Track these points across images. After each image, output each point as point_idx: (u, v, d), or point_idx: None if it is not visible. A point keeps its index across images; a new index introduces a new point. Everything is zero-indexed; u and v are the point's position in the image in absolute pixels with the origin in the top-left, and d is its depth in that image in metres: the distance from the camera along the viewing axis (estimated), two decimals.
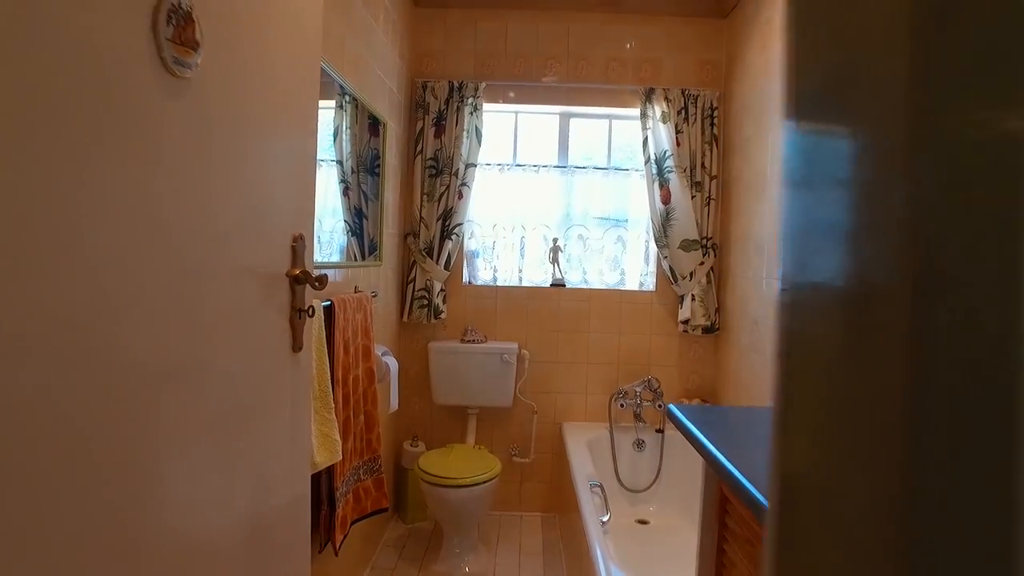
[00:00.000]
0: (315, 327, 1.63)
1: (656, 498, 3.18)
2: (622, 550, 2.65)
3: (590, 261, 3.40)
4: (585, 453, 2.85)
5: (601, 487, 2.48)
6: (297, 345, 1.19)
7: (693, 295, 3.18)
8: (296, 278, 1.16)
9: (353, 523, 2.09)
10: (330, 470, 1.81)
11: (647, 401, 3.22)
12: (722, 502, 1.37)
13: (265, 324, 1.09)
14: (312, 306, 1.20)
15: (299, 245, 1.18)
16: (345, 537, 1.98)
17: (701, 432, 1.32)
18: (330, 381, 1.68)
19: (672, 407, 1.56)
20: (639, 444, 3.23)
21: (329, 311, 1.82)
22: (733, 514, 1.28)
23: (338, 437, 1.69)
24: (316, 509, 1.93)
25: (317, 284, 1.17)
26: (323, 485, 1.86)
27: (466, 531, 2.76)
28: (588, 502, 2.28)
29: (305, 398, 1.27)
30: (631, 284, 3.41)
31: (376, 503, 2.22)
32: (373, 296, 2.38)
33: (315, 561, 1.95)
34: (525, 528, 3.25)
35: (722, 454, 1.15)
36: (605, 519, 2.24)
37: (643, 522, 3.05)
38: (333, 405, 1.69)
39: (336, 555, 1.91)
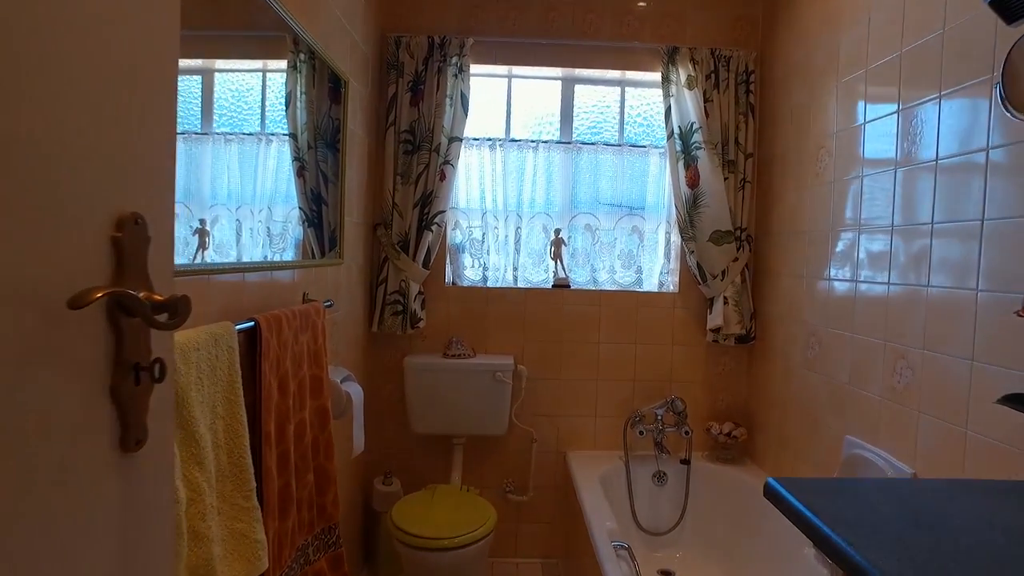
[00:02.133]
0: (222, 368, 1.04)
1: (682, 543, 2.63)
2: None
3: (600, 257, 2.83)
4: (599, 494, 2.28)
5: (629, 550, 1.91)
6: (133, 437, 0.59)
7: (725, 297, 2.62)
8: (120, 302, 0.56)
9: None
10: None
11: (669, 426, 2.67)
12: None
13: (37, 406, 0.50)
14: (159, 360, 0.60)
15: (131, 237, 0.58)
16: None
17: (839, 537, 0.77)
18: (248, 447, 1.09)
19: (773, 483, 1.01)
20: (660, 477, 2.68)
21: (252, 338, 1.23)
22: None
23: (262, 535, 1.10)
24: None
25: (168, 315, 0.58)
26: None
27: None
28: (614, 572, 1.71)
29: (159, 524, 0.67)
30: (649, 284, 2.84)
31: None
32: (327, 307, 1.78)
33: None
34: None
35: None
36: None
37: (667, 573, 2.50)
38: (254, 484, 1.10)
39: None
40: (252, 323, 1.20)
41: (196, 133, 1.26)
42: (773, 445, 2.49)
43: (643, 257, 2.83)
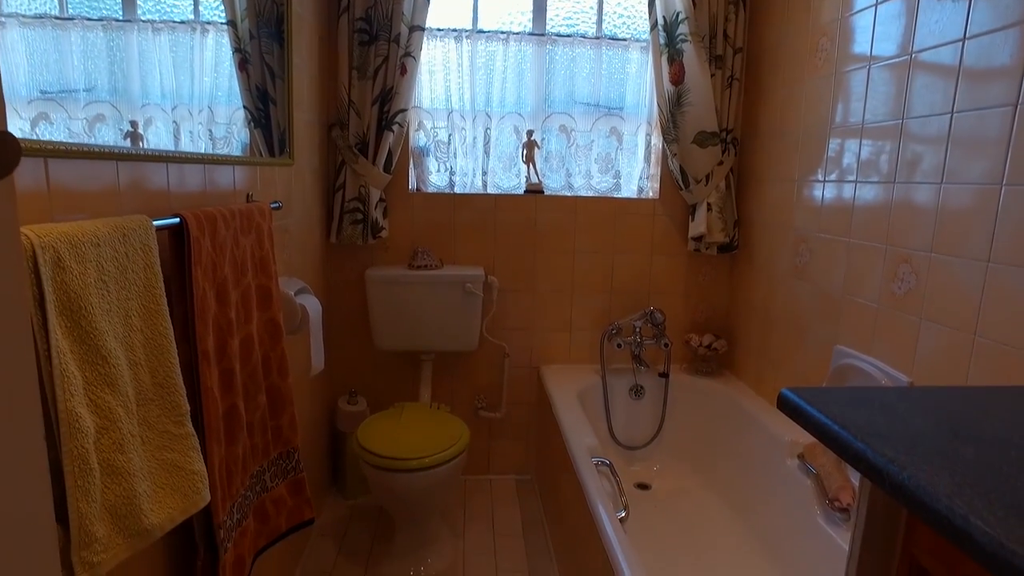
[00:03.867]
0: (135, 270, 0.84)
1: (659, 456, 2.58)
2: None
3: (575, 161, 2.63)
4: (577, 409, 2.18)
5: (611, 466, 1.82)
6: None
7: (708, 204, 2.47)
8: None
9: (259, 554, 1.38)
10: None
11: (648, 339, 2.56)
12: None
13: None
14: None
15: None
16: None
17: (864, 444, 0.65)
18: (177, 365, 0.91)
19: (789, 394, 0.88)
20: (637, 391, 2.60)
21: (180, 236, 1.03)
22: None
23: (200, 465, 0.94)
24: (189, 558, 1.21)
25: None
26: (195, 523, 1.12)
27: (425, 520, 2.10)
28: (596, 490, 1.62)
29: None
30: (628, 191, 2.66)
31: (295, 516, 1.50)
32: (275, 208, 1.58)
33: None
34: (497, 495, 2.62)
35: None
36: (621, 516, 1.59)
37: (644, 486, 2.46)
38: (187, 408, 0.93)
39: None
40: (177, 220, 1.00)
41: (117, 20, 1.02)
42: (754, 357, 2.41)
43: (622, 161, 2.64)
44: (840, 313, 1.85)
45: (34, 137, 0.79)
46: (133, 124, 1.05)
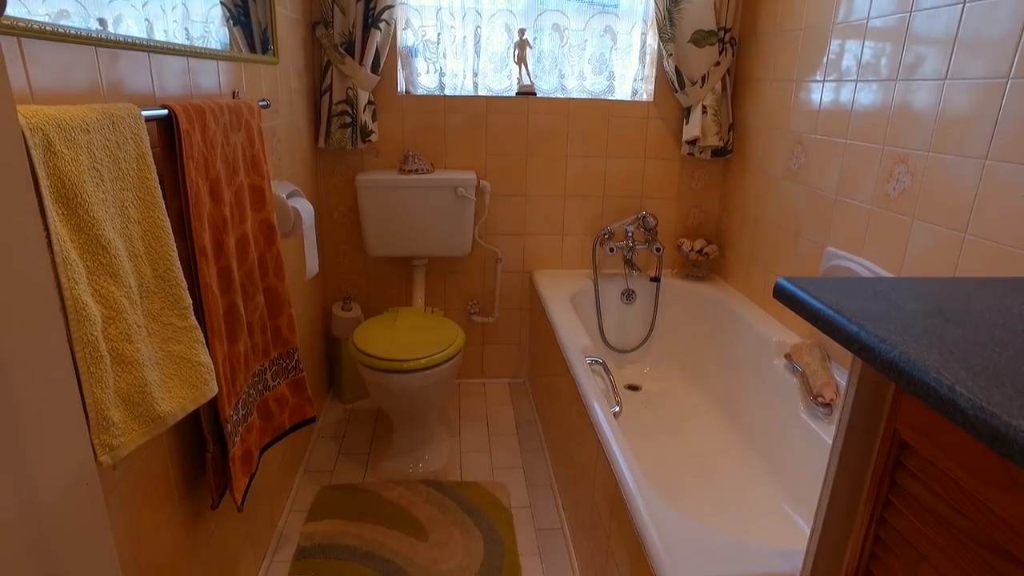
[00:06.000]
0: (128, 161, 0.83)
1: (649, 359, 2.65)
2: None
3: (569, 61, 2.55)
4: (570, 313, 2.21)
5: (604, 365, 1.87)
6: None
7: (704, 106, 2.42)
8: None
9: (265, 449, 1.43)
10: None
11: (640, 244, 2.57)
12: (891, 444, 0.77)
13: None
14: None
15: None
16: (252, 479, 1.32)
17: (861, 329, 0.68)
18: (176, 259, 0.91)
19: (784, 283, 0.90)
20: (628, 295, 2.63)
21: (168, 128, 1.00)
22: (924, 467, 0.67)
23: (206, 357, 0.95)
24: (200, 451, 1.25)
25: None
26: (203, 418, 1.15)
27: (421, 420, 2.17)
28: (590, 387, 1.67)
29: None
30: (622, 93, 2.60)
31: (297, 414, 1.55)
32: (263, 107, 1.53)
33: (210, 516, 1.30)
34: (491, 398, 2.70)
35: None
36: (615, 411, 1.65)
37: (634, 387, 2.53)
38: (189, 301, 0.93)
39: (240, 509, 1.26)
40: (166, 111, 0.97)
41: None
42: (744, 261, 2.44)
43: (616, 62, 2.56)
44: (833, 215, 1.86)
45: None
46: (101, 22, 0.99)
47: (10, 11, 0.76)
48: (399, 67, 2.45)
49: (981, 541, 0.62)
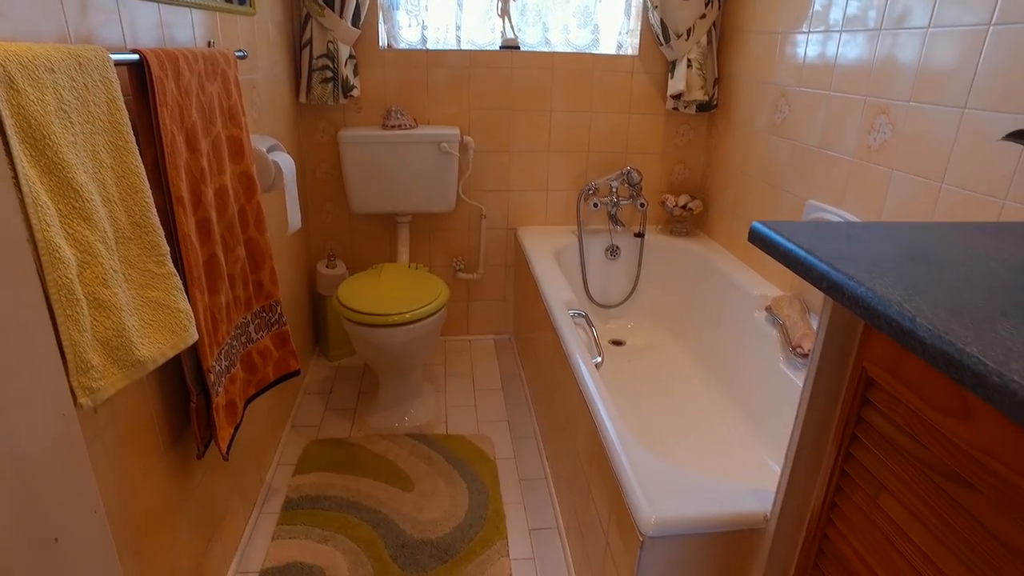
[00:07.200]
0: (97, 104, 0.82)
1: (633, 314, 2.67)
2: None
3: (552, 14, 2.51)
4: (554, 268, 2.23)
5: (586, 318, 1.89)
6: None
7: (689, 60, 2.40)
8: None
9: (250, 401, 1.44)
10: (193, 345, 1.09)
11: (624, 199, 2.57)
12: (858, 380, 0.79)
13: None
14: None
15: None
16: (237, 429, 1.33)
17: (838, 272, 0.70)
18: (151, 205, 0.91)
19: (759, 226, 0.91)
20: (613, 251, 2.64)
21: (140, 76, 0.98)
22: (888, 402, 0.70)
23: (185, 304, 0.96)
24: (184, 402, 1.26)
25: None
26: (186, 368, 1.16)
27: (407, 376, 2.19)
28: (573, 339, 1.69)
29: None
30: (607, 46, 2.57)
31: (281, 367, 1.56)
32: (240, 57, 1.50)
33: (197, 468, 1.32)
34: (476, 354, 2.72)
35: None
36: (597, 361, 1.67)
37: (618, 343, 2.56)
38: (167, 248, 0.93)
39: (225, 458, 1.27)
40: (136, 56, 0.95)
41: None
42: (727, 216, 2.45)
43: (600, 15, 2.53)
44: (815, 168, 1.86)
45: None
46: None
47: None
48: (380, 20, 2.40)
49: (936, 468, 0.64)
